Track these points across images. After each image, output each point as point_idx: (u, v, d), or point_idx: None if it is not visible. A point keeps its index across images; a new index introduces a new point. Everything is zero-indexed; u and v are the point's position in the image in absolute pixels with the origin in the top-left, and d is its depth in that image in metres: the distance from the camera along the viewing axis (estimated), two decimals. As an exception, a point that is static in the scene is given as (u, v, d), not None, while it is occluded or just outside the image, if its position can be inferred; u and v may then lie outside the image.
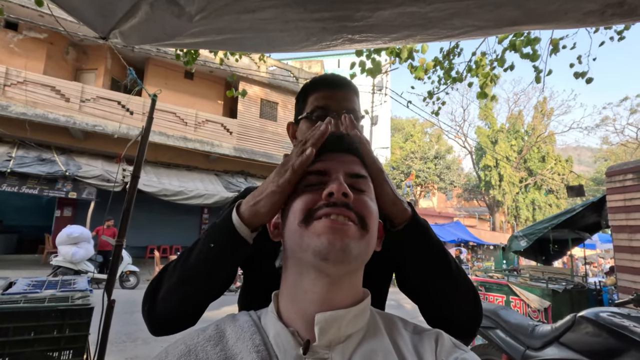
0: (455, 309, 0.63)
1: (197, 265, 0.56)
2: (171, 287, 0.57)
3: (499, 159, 22.20)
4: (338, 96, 0.76)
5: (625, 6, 0.72)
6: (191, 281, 0.56)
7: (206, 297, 0.59)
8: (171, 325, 0.60)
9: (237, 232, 0.53)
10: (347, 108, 0.75)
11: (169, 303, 0.58)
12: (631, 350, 1.79)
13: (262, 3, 0.83)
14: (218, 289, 0.60)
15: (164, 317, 0.59)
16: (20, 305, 1.78)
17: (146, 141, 2.24)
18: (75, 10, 1.06)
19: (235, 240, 0.53)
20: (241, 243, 0.53)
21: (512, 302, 4.50)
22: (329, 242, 0.42)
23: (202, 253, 0.56)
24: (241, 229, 0.53)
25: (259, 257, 0.69)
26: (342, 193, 0.45)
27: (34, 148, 8.59)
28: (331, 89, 0.77)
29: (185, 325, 0.61)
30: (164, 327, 0.60)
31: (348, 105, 0.76)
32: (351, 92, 0.78)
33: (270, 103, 12.49)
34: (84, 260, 6.44)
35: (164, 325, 0.60)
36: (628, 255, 3.82)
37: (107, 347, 1.93)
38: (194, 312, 0.60)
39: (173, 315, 0.59)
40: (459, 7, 0.74)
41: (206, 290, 0.58)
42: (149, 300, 0.60)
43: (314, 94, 0.78)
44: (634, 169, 3.87)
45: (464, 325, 0.63)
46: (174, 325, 0.60)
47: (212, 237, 0.55)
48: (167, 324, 0.60)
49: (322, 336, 0.43)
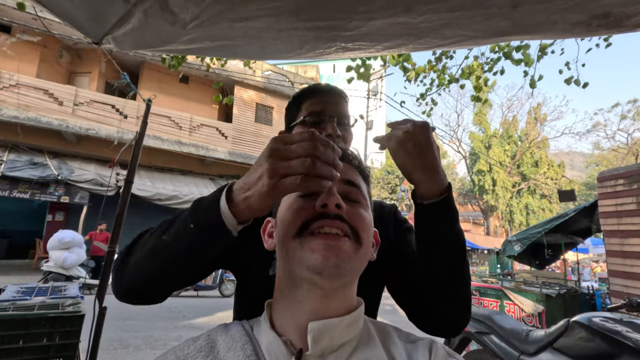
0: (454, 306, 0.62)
1: (172, 243, 0.51)
2: (142, 256, 0.55)
3: (492, 163, 22.39)
4: (332, 101, 0.79)
5: (610, 18, 0.74)
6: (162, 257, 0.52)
7: (174, 278, 0.56)
8: (135, 295, 0.58)
9: (223, 220, 0.46)
10: (340, 113, 0.78)
11: (137, 272, 0.55)
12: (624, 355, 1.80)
13: (256, 12, 0.83)
14: (189, 274, 0.57)
15: (130, 285, 0.57)
16: (8, 313, 1.75)
17: (140, 145, 2.23)
18: (68, 16, 1.06)
19: (219, 229, 0.46)
20: (224, 232, 0.47)
21: (506, 307, 4.52)
22: (324, 258, 0.42)
23: (181, 232, 0.50)
24: (228, 219, 0.46)
25: (253, 265, 0.69)
26: (335, 204, 0.45)
27: (25, 152, 8.49)
28: (325, 95, 0.80)
29: (149, 299, 0.59)
30: (128, 295, 0.58)
31: (341, 110, 0.79)
32: (343, 99, 0.82)
33: (266, 107, 12.50)
34: (75, 265, 6.35)
35: (128, 293, 0.58)
36: (620, 260, 3.86)
37: (98, 354, 1.90)
38: (160, 288, 0.58)
39: (138, 285, 0.57)
40: (449, 18, 0.76)
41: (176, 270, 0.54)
42: (118, 262, 0.59)
43: (308, 100, 0.80)
44: (625, 174, 3.93)
45: (455, 324, 0.64)
46: (138, 296, 0.58)
47: (195, 217, 0.49)
48: (131, 292, 0.58)
49: (315, 345, 0.43)
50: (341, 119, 0.78)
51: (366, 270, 0.50)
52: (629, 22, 0.74)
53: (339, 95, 0.80)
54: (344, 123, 0.79)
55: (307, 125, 0.76)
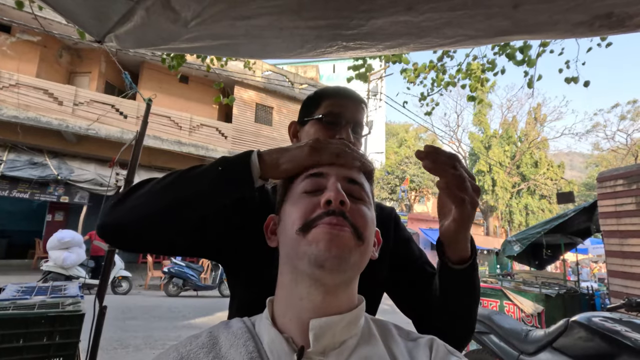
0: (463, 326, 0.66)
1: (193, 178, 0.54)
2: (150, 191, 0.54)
3: (492, 164, 22.40)
4: (352, 107, 0.79)
5: (613, 18, 0.74)
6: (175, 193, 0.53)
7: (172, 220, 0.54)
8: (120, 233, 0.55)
9: (250, 168, 0.54)
10: (357, 121, 0.79)
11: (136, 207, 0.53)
12: (623, 354, 1.80)
13: (258, 10, 0.84)
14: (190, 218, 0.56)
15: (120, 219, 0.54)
16: (9, 312, 1.75)
17: (140, 145, 2.23)
18: (70, 14, 1.06)
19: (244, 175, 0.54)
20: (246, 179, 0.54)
21: (505, 307, 4.52)
22: (326, 248, 0.43)
23: (206, 171, 0.55)
24: (255, 168, 0.54)
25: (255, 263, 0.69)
26: (339, 201, 0.45)
27: (25, 151, 8.48)
28: (347, 99, 0.80)
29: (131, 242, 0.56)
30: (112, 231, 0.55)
31: (358, 118, 0.79)
32: (363, 108, 0.82)
33: (266, 107, 12.50)
34: (75, 265, 6.35)
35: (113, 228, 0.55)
36: (619, 260, 3.86)
37: (98, 354, 1.91)
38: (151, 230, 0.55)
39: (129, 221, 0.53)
40: (451, 17, 0.76)
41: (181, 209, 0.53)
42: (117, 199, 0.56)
43: (330, 100, 0.80)
44: (625, 174, 3.93)
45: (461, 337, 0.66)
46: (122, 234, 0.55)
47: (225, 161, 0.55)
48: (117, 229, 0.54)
49: (316, 342, 0.43)
50: (356, 127, 0.78)
51: (367, 270, 0.50)
52: (631, 22, 0.74)
53: (360, 103, 0.80)
54: (357, 132, 0.79)
55: (322, 123, 0.77)
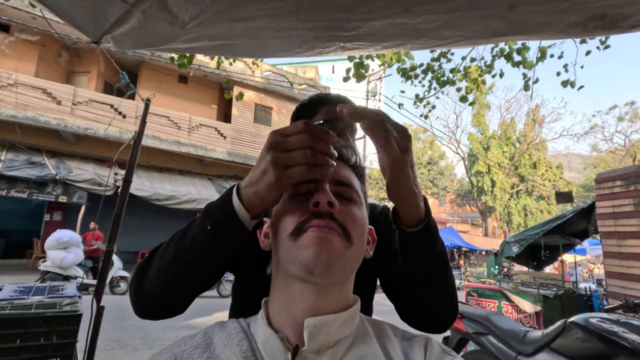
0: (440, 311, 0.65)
1: (192, 246, 0.52)
2: (162, 268, 0.54)
3: (491, 165, 22.44)
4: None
5: (606, 19, 0.75)
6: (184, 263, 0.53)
7: (197, 284, 0.56)
8: (158, 310, 0.58)
9: (237, 216, 0.49)
10: (354, 129, 0.83)
11: (158, 285, 0.55)
12: (620, 355, 1.81)
13: (256, 12, 0.84)
14: (210, 277, 0.58)
15: (152, 300, 0.57)
16: (6, 312, 1.75)
17: (139, 145, 2.23)
18: (67, 15, 1.06)
19: (234, 225, 0.49)
20: (240, 228, 0.49)
21: (504, 308, 4.53)
22: (315, 254, 0.42)
23: (199, 235, 0.52)
24: (242, 214, 0.49)
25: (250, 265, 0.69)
26: (327, 202, 0.45)
27: (23, 151, 8.46)
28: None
29: (172, 312, 0.59)
30: (151, 311, 0.58)
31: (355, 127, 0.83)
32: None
33: (265, 108, 12.50)
34: (73, 265, 6.33)
35: (150, 309, 0.58)
36: (617, 261, 3.87)
37: (96, 354, 1.90)
38: (183, 298, 0.57)
39: (160, 299, 0.56)
40: (448, 18, 0.76)
41: (198, 275, 0.55)
42: (136, 280, 0.58)
43: (327, 106, 0.82)
44: (622, 176, 3.94)
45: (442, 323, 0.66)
46: (162, 307, 0.58)
47: (211, 218, 0.51)
48: (153, 308, 0.58)
49: (311, 341, 0.43)
50: (353, 132, 0.81)
51: (362, 267, 0.50)
52: (624, 23, 0.75)
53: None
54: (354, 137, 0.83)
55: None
